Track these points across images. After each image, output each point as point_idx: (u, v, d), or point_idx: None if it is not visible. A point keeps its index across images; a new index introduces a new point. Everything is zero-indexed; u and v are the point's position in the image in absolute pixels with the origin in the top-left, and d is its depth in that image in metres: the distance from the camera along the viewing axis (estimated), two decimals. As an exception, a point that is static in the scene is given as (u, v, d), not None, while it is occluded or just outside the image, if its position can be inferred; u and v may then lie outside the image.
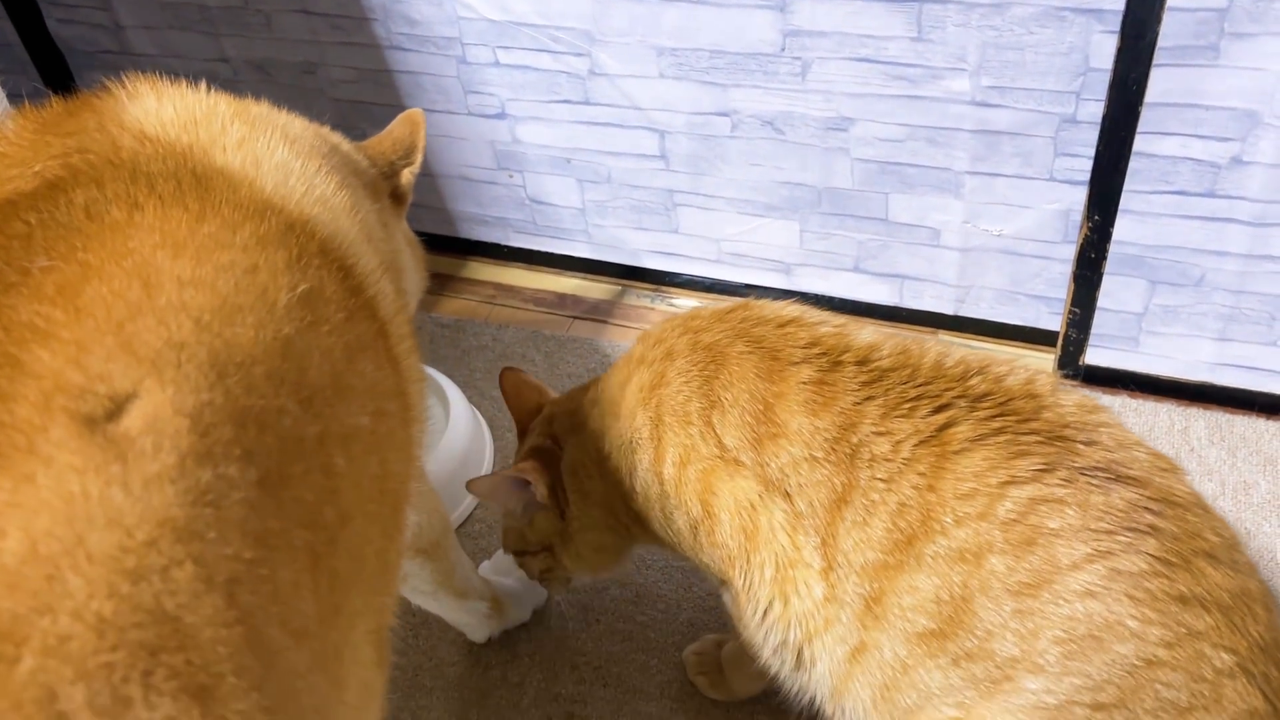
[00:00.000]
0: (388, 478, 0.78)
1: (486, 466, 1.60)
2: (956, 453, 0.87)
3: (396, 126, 1.20)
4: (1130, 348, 1.58)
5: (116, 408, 0.55)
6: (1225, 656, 0.81)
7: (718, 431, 0.97)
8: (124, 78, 0.89)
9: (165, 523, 0.51)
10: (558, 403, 1.20)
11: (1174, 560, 0.82)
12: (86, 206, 0.70)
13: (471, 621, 1.33)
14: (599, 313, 1.88)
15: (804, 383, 0.94)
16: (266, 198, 0.80)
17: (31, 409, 0.53)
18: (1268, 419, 1.52)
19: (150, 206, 0.72)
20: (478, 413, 1.66)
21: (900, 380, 0.92)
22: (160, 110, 0.86)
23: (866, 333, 0.98)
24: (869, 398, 0.91)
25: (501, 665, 1.36)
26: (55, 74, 1.96)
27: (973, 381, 0.91)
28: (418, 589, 1.20)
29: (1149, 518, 0.83)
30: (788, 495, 0.93)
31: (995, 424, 0.88)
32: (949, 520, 0.85)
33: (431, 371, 1.65)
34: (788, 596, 0.94)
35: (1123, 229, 1.43)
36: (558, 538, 1.17)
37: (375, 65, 1.76)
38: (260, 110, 0.93)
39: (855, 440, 0.90)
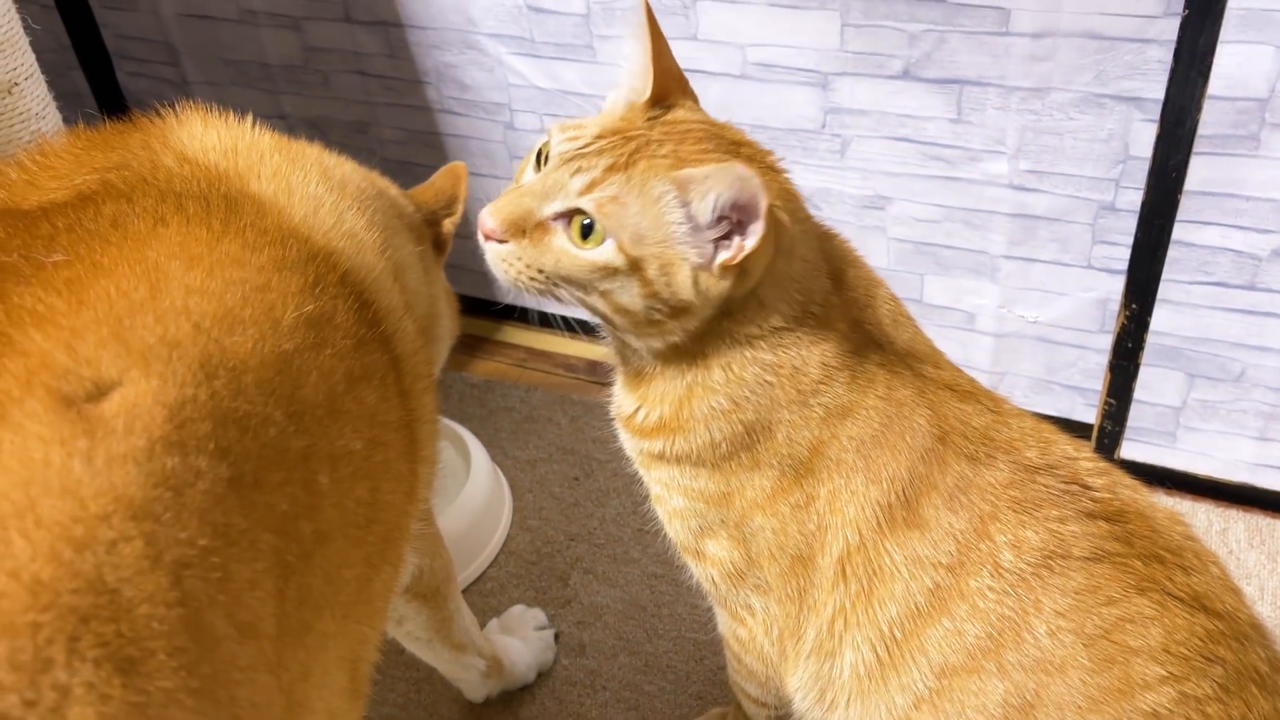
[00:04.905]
0: (378, 506, 0.78)
1: (503, 525, 1.59)
2: (1069, 569, 0.86)
3: (439, 178, 1.24)
4: (1167, 443, 1.54)
5: (98, 391, 0.57)
6: None
7: (855, 499, 0.89)
8: (177, 103, 0.93)
9: (122, 499, 0.53)
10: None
11: (1232, 687, 0.84)
12: (114, 218, 0.73)
13: (468, 678, 1.29)
14: (628, 382, 1.88)
15: (958, 478, 0.88)
16: (293, 226, 0.83)
17: (13, 382, 0.55)
18: (1311, 525, 1.47)
19: (175, 223, 0.75)
20: (499, 471, 1.65)
21: (1043, 483, 0.89)
22: (205, 135, 0.90)
23: (1019, 419, 0.94)
24: (1011, 501, 0.88)
25: (502, 727, 1.33)
26: (121, 124, 2.03)
27: (1097, 491, 0.89)
28: (412, 634, 1.17)
29: (1222, 650, 0.85)
30: (890, 585, 0.88)
31: (1109, 545, 0.87)
32: (1042, 632, 0.84)
33: (456, 426, 1.65)
34: (837, 656, 0.92)
35: (1161, 319, 1.41)
36: (668, 311, 0.84)
37: (425, 127, 1.81)
38: (302, 148, 0.96)
39: (983, 548, 0.86)
